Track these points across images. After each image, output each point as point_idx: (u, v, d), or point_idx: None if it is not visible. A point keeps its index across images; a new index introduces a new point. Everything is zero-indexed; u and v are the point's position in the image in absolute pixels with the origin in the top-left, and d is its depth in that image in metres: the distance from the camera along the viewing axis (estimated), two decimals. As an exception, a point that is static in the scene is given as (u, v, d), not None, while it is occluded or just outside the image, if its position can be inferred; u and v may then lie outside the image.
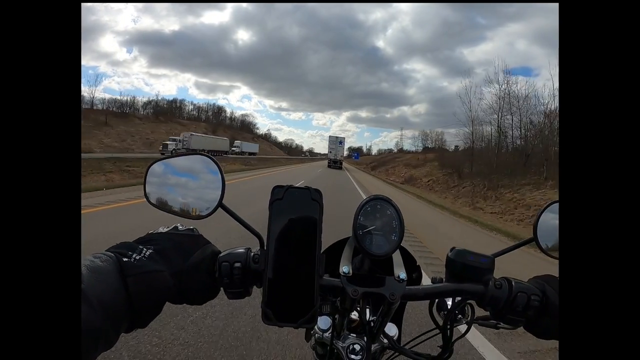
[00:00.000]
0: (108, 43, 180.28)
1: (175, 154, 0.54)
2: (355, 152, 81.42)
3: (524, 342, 2.29)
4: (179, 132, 45.64)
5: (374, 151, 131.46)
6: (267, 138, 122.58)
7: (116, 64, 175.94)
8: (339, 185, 15.51)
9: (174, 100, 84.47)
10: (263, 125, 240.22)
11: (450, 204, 14.71)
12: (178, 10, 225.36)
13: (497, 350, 2.18)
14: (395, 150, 75.54)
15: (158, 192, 0.49)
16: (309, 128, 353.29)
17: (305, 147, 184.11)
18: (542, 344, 2.13)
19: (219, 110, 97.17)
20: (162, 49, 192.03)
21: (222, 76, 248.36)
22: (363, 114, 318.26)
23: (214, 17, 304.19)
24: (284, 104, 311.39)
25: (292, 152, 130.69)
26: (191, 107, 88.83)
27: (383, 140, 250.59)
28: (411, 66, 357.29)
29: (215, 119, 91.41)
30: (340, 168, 36.34)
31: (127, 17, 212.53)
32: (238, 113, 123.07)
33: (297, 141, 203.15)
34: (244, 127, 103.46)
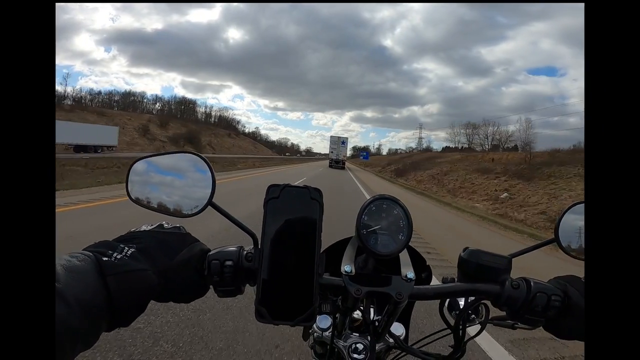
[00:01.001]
0: (83, 42, 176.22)
1: (160, 152, 0.51)
2: (364, 152, 69.81)
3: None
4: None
5: (384, 151, 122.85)
6: (254, 136, 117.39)
7: (93, 63, 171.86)
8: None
9: (129, 93, 77.64)
10: (257, 124, 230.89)
11: None
12: (161, 9, 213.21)
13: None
14: (417, 149, 67.88)
15: (142, 190, 0.48)
16: (309, 128, 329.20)
17: (304, 147, 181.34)
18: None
19: (186, 103, 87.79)
20: (143, 48, 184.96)
21: (212, 75, 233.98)
22: (368, 114, 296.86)
23: (202, 15, 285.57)
24: (280, 104, 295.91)
25: (285, 152, 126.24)
26: (151, 100, 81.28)
27: (390, 141, 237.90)
28: (422, 65, 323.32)
29: (180, 113, 75.00)
30: (343, 168, 35.72)
31: (104, 16, 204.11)
32: (216, 109, 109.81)
33: (295, 141, 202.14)
34: (221, 124, 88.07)
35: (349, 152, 54.90)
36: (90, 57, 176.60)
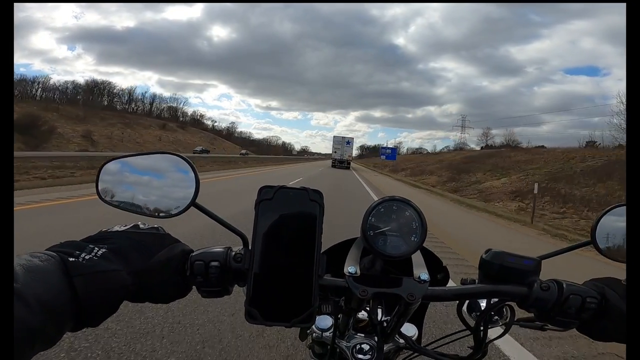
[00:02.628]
0: (42, 40, 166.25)
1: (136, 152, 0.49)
2: (391, 149, 48.33)
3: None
4: None
5: (403, 150, 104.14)
6: (229, 134, 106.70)
7: (54, 62, 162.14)
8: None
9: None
10: (248, 124, 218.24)
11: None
12: (132, 7, 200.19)
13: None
14: (470, 146, 55.66)
15: (115, 190, 0.46)
16: (307, 128, 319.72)
17: (300, 147, 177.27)
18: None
19: (97, 87, 68.98)
20: (113, 47, 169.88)
21: (193, 74, 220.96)
22: (377, 113, 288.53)
23: (181, 12, 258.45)
24: (273, 103, 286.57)
25: (275, 152, 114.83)
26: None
27: (403, 141, 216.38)
28: (440, 65, 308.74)
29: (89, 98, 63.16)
30: (348, 168, 35.53)
31: (66, 14, 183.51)
32: (159, 101, 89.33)
33: (291, 140, 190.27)
34: (171, 118, 71.23)
35: (355, 152, 54.36)
36: (51, 55, 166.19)
